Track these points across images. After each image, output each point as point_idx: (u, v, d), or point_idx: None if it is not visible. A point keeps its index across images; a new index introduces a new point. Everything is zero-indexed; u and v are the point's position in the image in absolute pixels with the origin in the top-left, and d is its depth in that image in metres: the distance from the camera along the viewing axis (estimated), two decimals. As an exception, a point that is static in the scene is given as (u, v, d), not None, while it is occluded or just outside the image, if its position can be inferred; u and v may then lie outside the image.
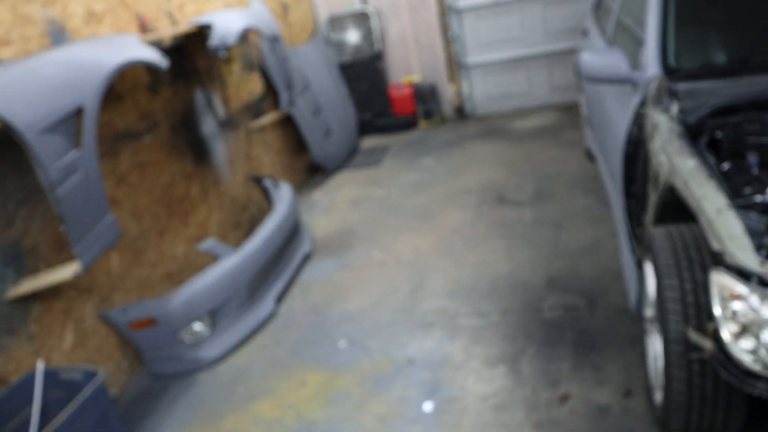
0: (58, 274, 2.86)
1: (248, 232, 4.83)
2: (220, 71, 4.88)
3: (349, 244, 4.62)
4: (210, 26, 4.25)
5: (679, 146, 2.24)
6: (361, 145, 7.06)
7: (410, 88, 7.13)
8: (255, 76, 5.49)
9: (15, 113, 2.45)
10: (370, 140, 7.19)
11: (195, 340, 3.50)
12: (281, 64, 5.49)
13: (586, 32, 4.83)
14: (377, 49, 7.09)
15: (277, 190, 4.71)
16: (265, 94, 5.62)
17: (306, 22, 6.74)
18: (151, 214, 3.81)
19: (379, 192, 5.54)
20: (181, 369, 3.48)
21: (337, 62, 7.02)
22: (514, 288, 3.58)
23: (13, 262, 2.86)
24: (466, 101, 7.21)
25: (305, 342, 3.52)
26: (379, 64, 7.13)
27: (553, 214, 4.36)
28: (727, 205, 1.88)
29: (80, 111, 2.76)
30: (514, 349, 3.06)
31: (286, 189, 4.70)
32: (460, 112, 7.27)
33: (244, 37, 5.02)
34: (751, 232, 1.78)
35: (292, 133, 6.06)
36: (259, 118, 5.43)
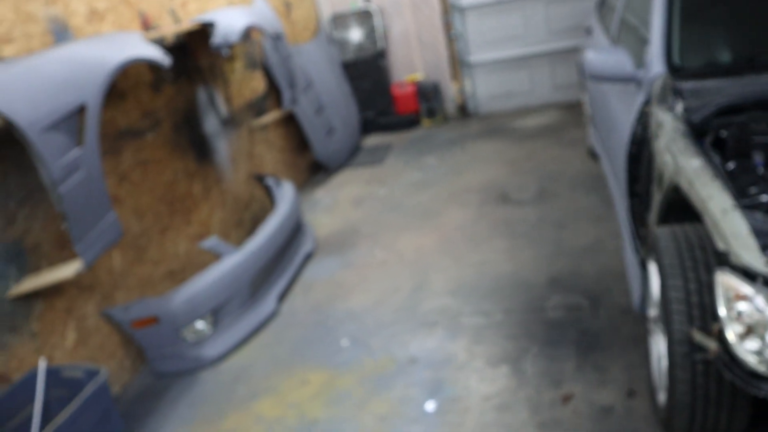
0: (60, 272, 2.86)
1: (250, 231, 4.83)
2: (223, 69, 4.87)
3: (352, 243, 4.62)
4: (213, 24, 4.24)
5: (684, 145, 2.23)
6: (364, 144, 7.05)
7: (413, 87, 7.11)
8: (258, 74, 5.48)
9: (17, 111, 2.44)
10: (372, 139, 7.19)
11: (197, 339, 3.49)
12: (284, 63, 5.48)
13: (589, 31, 4.82)
14: (380, 48, 7.08)
15: (280, 189, 4.70)
16: (267, 93, 5.62)
17: (309, 20, 6.73)
18: (154, 212, 3.81)
19: (382, 191, 5.53)
20: (183, 367, 3.47)
21: (340, 60, 7.01)
22: (517, 287, 3.57)
23: (16, 260, 2.85)
24: (469, 100, 7.20)
25: (307, 341, 3.52)
26: (381, 63, 7.12)
27: (555, 213, 4.35)
28: (733, 205, 1.87)
29: (82, 109, 2.75)
30: (517, 348, 3.06)
31: (289, 187, 4.69)
32: (463, 111, 7.25)
33: (246, 35, 5.01)
34: (757, 232, 1.77)
35: (295, 131, 6.05)
36: (261, 116, 5.43)
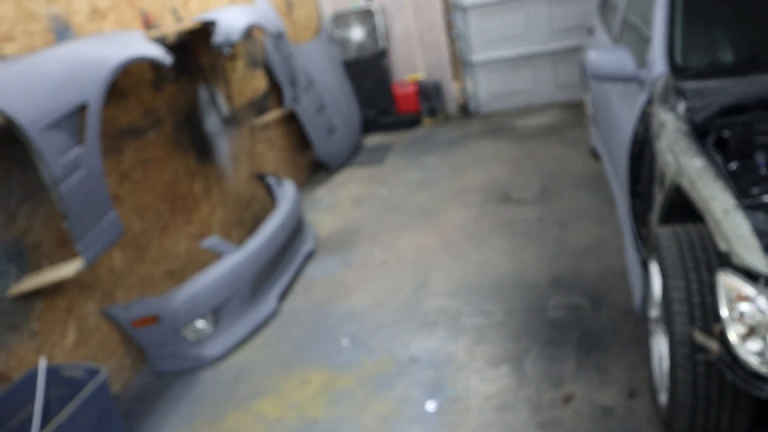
0: (61, 271, 2.85)
1: (251, 230, 4.82)
2: (224, 68, 4.87)
3: (352, 242, 4.61)
4: (214, 23, 4.23)
5: (686, 145, 2.22)
6: (365, 143, 7.05)
7: (414, 86, 7.11)
8: (259, 73, 5.48)
9: (18, 109, 2.44)
10: (373, 138, 7.18)
11: (197, 338, 3.49)
12: (285, 62, 5.47)
13: (591, 30, 4.81)
14: (381, 47, 7.07)
15: (281, 188, 4.70)
16: (268, 91, 5.61)
17: (310, 19, 6.72)
18: (154, 211, 3.80)
19: (383, 190, 5.52)
20: (184, 366, 3.47)
21: (341, 59, 7.01)
22: (518, 287, 3.56)
23: (16, 258, 2.85)
24: (471, 99, 7.19)
25: (307, 340, 3.51)
26: (383, 62, 7.12)
27: (557, 212, 4.34)
28: (735, 206, 1.86)
29: (83, 107, 2.75)
30: (518, 348, 3.05)
31: (290, 186, 4.69)
32: (465, 110, 7.25)
33: (248, 33, 5.01)
34: (759, 233, 1.77)
35: (296, 130, 6.05)
36: (262, 115, 5.42)
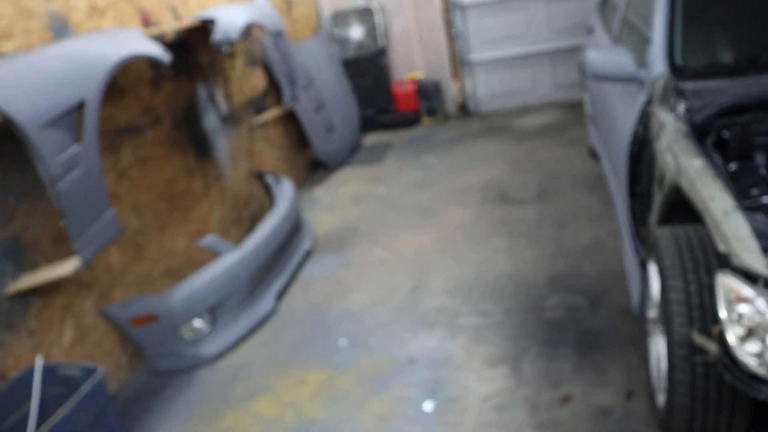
0: (58, 270, 2.84)
1: (249, 228, 4.81)
2: (223, 66, 4.86)
3: (351, 241, 4.61)
4: (213, 21, 4.22)
5: (686, 146, 2.22)
6: (364, 142, 7.04)
7: (413, 85, 7.10)
8: (258, 71, 5.47)
9: (16, 107, 2.43)
10: (372, 137, 7.17)
11: (195, 337, 3.48)
12: (284, 60, 5.46)
13: (590, 30, 4.80)
14: (381, 46, 7.06)
15: (279, 186, 4.69)
16: (267, 90, 5.60)
17: (310, 18, 6.71)
18: (152, 210, 3.79)
19: (381, 189, 5.52)
20: (181, 365, 3.46)
21: (341, 58, 7.00)
22: (517, 287, 3.56)
23: (13, 256, 2.84)
24: (470, 98, 7.19)
25: (305, 340, 3.51)
26: (382, 61, 7.11)
27: (556, 212, 4.34)
28: (734, 207, 1.85)
29: (82, 105, 2.74)
30: (516, 348, 3.05)
31: (288, 185, 4.68)
32: (464, 110, 7.24)
33: (247, 32, 4.99)
34: (758, 234, 1.76)
35: (295, 129, 6.04)
36: (261, 113, 5.41)
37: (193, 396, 3.23)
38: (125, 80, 3.67)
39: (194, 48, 4.46)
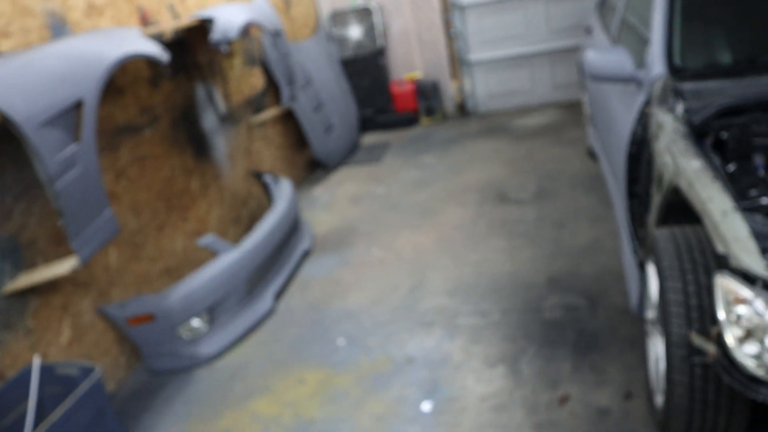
0: (56, 269, 2.84)
1: (248, 228, 4.81)
2: (222, 65, 4.85)
3: (349, 241, 4.60)
4: (212, 20, 4.22)
5: (684, 147, 2.22)
6: (362, 142, 7.04)
7: (412, 85, 7.10)
8: (256, 70, 5.46)
9: (14, 106, 2.43)
10: (371, 137, 7.17)
11: (193, 336, 3.48)
12: (283, 59, 5.46)
13: (589, 30, 4.80)
14: (379, 45, 7.05)
15: (278, 186, 4.69)
16: (266, 89, 5.60)
17: (308, 17, 6.70)
18: (151, 209, 3.79)
19: (380, 189, 5.51)
20: (179, 365, 3.46)
21: (339, 58, 6.99)
22: (515, 287, 3.56)
23: (11, 255, 2.83)
24: (468, 98, 7.18)
25: (304, 339, 3.50)
26: (381, 60, 7.10)
27: (554, 213, 4.34)
28: (733, 208, 1.85)
29: (80, 104, 2.73)
30: (514, 349, 3.04)
31: (287, 185, 4.68)
32: (462, 110, 7.24)
33: (246, 31, 4.99)
34: (757, 235, 1.76)
35: (293, 128, 6.03)
36: (260, 113, 5.41)
37: (191, 395, 3.22)
38: (123, 79, 3.66)
39: (193, 47, 4.45)
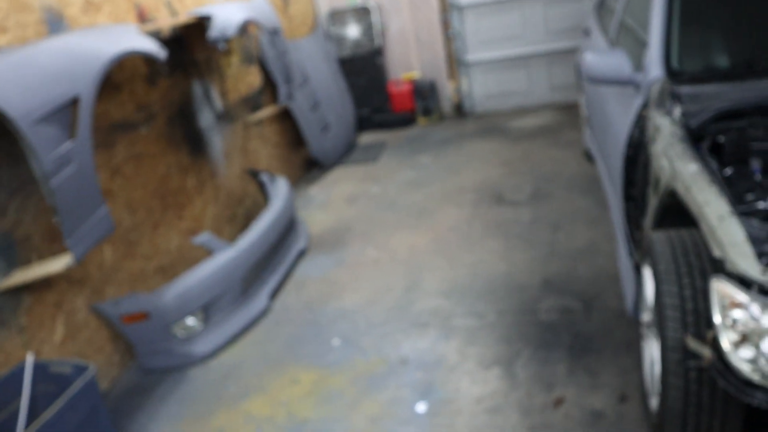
0: (50, 266, 2.82)
1: (243, 227, 4.80)
2: (219, 63, 4.84)
3: (345, 241, 4.60)
4: (210, 17, 4.20)
5: (681, 150, 2.22)
6: (359, 141, 7.03)
7: (409, 85, 7.09)
8: (254, 69, 5.45)
9: (9, 102, 2.41)
10: (367, 136, 7.16)
11: (187, 335, 3.47)
12: (280, 58, 5.45)
13: (587, 32, 4.81)
14: (377, 45, 7.05)
15: (274, 185, 4.68)
16: (263, 88, 5.58)
17: (306, 16, 6.69)
18: (146, 207, 3.77)
19: (376, 189, 5.51)
20: (173, 363, 3.45)
21: (337, 57, 6.98)
22: (510, 289, 3.56)
23: (5, 252, 2.82)
24: (466, 99, 7.18)
25: (298, 339, 3.50)
26: (378, 60, 7.10)
27: (550, 214, 4.34)
28: (729, 212, 1.85)
29: (76, 101, 2.72)
30: (509, 351, 3.04)
31: (283, 183, 4.67)
32: (459, 110, 7.24)
33: (243, 29, 4.97)
34: (753, 240, 1.76)
35: (290, 127, 6.02)
36: (257, 111, 5.39)
37: (185, 395, 3.21)
38: (120, 76, 3.65)
39: (190, 45, 4.44)
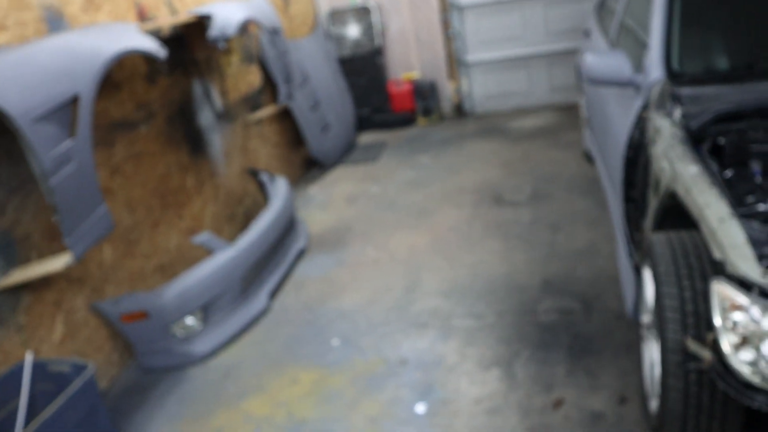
0: (50, 265, 2.82)
1: (243, 226, 4.79)
2: (219, 62, 4.83)
3: (345, 241, 4.59)
4: (210, 16, 4.20)
5: (682, 152, 2.22)
6: (359, 141, 7.02)
7: (409, 85, 7.09)
8: (254, 68, 5.44)
9: (9, 100, 2.41)
10: (367, 136, 7.16)
11: (187, 335, 3.46)
12: (281, 57, 5.44)
13: (587, 33, 4.81)
14: (377, 45, 7.04)
15: (273, 184, 4.68)
16: (263, 87, 5.58)
17: (307, 16, 6.69)
18: (145, 206, 3.77)
19: (376, 188, 5.50)
20: (172, 363, 3.44)
21: (337, 56, 6.98)
22: (510, 289, 3.56)
23: (4, 251, 2.81)
24: (466, 99, 7.18)
25: (298, 339, 3.49)
26: (378, 60, 7.09)
27: (550, 215, 4.34)
28: (730, 214, 1.85)
29: (76, 99, 2.71)
30: (509, 351, 3.04)
31: (282, 183, 4.67)
32: (459, 110, 7.24)
33: (244, 28, 4.97)
34: (754, 242, 1.76)
35: (290, 126, 6.02)
36: (256, 110, 5.39)
37: (184, 394, 3.21)
38: (120, 75, 3.64)
39: (190, 44, 4.43)
